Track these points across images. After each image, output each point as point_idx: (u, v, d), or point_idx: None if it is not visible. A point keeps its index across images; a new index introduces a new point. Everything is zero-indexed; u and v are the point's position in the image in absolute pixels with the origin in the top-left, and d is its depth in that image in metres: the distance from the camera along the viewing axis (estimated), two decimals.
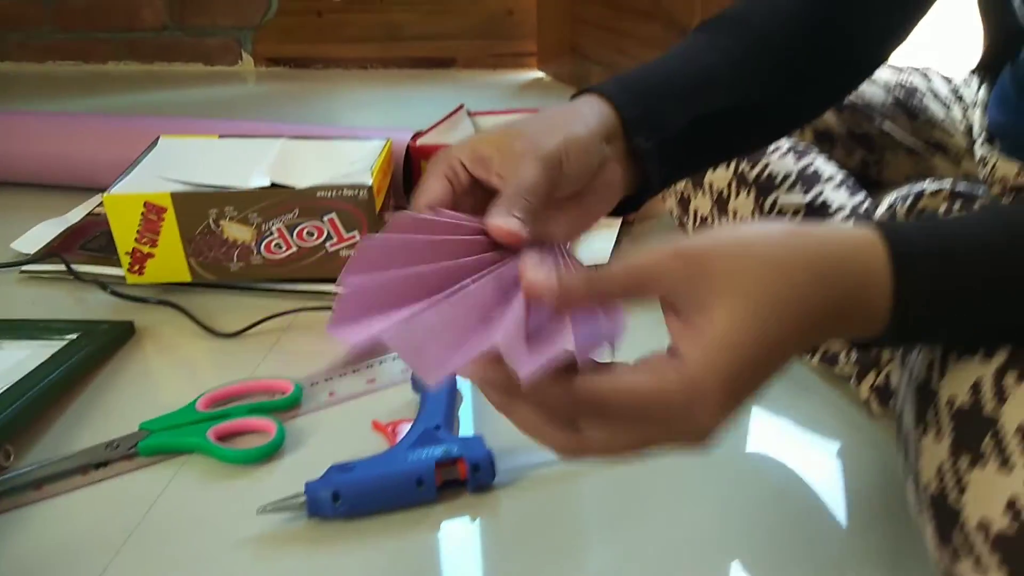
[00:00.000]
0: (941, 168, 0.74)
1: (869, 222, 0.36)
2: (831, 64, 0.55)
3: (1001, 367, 0.35)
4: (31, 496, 0.58)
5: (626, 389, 0.32)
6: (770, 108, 0.52)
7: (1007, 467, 0.33)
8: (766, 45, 0.51)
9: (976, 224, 0.35)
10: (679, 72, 0.49)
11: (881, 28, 0.56)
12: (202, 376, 0.71)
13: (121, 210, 0.77)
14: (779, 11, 0.53)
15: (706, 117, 0.48)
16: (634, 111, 0.45)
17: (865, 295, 0.34)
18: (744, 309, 0.32)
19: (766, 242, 0.33)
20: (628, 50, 1.37)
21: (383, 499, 0.54)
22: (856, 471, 0.59)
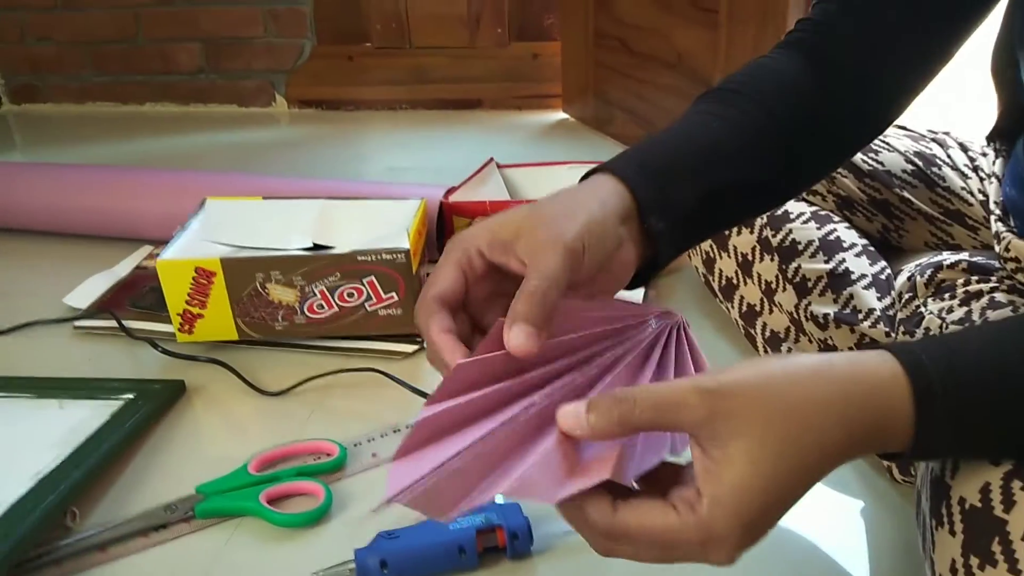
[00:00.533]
0: (959, 237, 0.76)
1: (894, 350, 0.37)
2: (833, 134, 0.57)
3: (1008, 473, 0.38)
4: (97, 558, 0.61)
5: (649, 526, 0.35)
6: (775, 180, 0.55)
7: (1015, 571, 0.36)
8: (771, 118, 0.53)
9: (995, 354, 0.38)
10: (688, 148, 0.50)
11: (880, 99, 0.58)
12: (250, 434, 0.75)
13: (173, 274, 0.81)
14: (782, 83, 0.55)
15: (714, 193, 0.49)
16: (648, 193, 0.46)
17: (886, 428, 0.36)
18: (762, 453, 0.34)
19: (788, 383, 0.36)
20: (649, 97, 1.40)
21: (427, 566, 0.58)
22: (876, 534, 0.62)
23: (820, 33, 0.58)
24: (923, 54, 0.58)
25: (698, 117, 0.53)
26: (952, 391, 0.36)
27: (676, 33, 1.30)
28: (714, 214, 0.51)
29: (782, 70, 0.56)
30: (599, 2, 1.46)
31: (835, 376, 0.36)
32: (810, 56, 0.56)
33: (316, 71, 1.80)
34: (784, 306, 0.75)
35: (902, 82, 0.58)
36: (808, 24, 0.59)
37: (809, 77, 0.55)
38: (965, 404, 0.37)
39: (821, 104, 0.55)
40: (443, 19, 1.70)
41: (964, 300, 0.63)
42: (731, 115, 0.52)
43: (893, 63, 0.57)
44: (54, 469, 0.66)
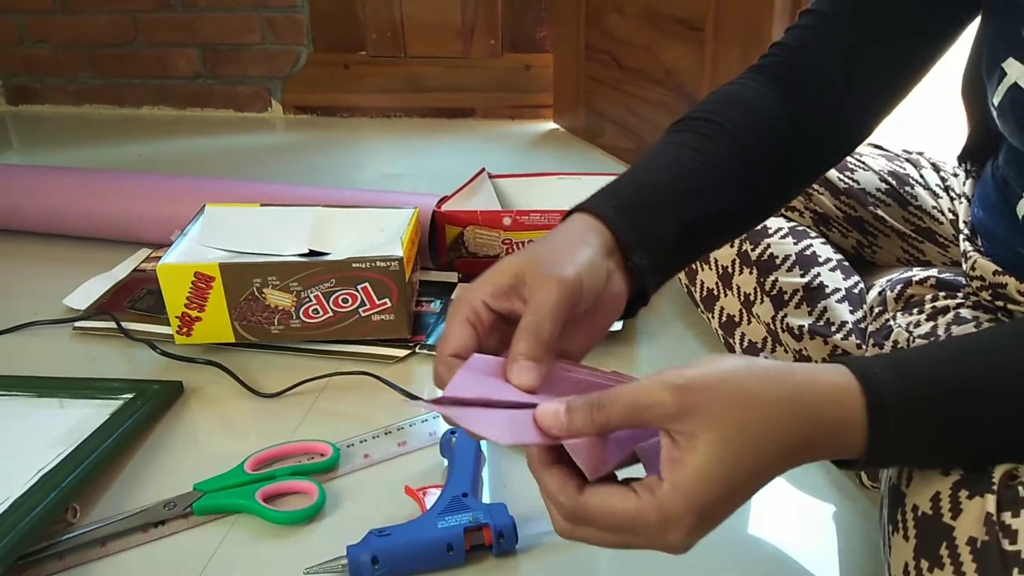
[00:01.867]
0: (930, 253, 0.80)
1: (850, 363, 0.41)
2: (804, 155, 0.60)
3: (956, 483, 0.41)
4: (97, 552, 0.64)
5: (611, 509, 0.39)
6: (750, 205, 0.58)
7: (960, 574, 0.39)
8: (742, 146, 0.55)
9: (945, 371, 0.41)
10: (663, 183, 0.53)
11: (850, 121, 0.61)
12: (247, 435, 0.78)
13: (173, 278, 0.84)
14: (752, 109, 0.57)
15: (692, 225, 0.52)
16: (628, 233, 0.49)
17: (840, 434, 0.39)
18: (723, 444, 0.37)
19: (750, 381, 0.39)
20: (637, 110, 1.44)
21: (417, 562, 0.60)
22: (845, 537, 0.65)
23: (791, 57, 0.60)
24: (891, 77, 0.60)
25: (671, 148, 0.55)
26: (903, 404, 0.39)
27: (664, 50, 1.33)
28: (694, 243, 0.54)
29: (751, 96, 0.58)
30: (590, 17, 1.50)
31: (793, 380, 0.39)
32: (781, 80, 0.59)
33: (312, 78, 1.83)
34: (762, 317, 0.79)
35: (871, 104, 0.61)
36: (780, 48, 0.61)
37: (779, 102, 0.58)
38: (915, 415, 0.40)
39: (791, 127, 0.57)
40: (438, 29, 1.73)
41: (931, 315, 0.66)
42: (703, 146, 0.54)
43: (862, 86, 0.59)
44: (55, 466, 0.68)
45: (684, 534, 0.38)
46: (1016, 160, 0.59)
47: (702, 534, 0.39)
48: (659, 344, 0.91)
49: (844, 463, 0.42)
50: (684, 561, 0.61)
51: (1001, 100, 0.53)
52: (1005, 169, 0.61)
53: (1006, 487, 0.40)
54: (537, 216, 1.01)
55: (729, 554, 0.63)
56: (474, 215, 1.03)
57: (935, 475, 0.43)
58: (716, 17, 1.20)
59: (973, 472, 0.41)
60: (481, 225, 1.02)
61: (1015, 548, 0.38)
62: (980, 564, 0.39)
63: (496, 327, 0.46)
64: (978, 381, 0.41)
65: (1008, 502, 0.40)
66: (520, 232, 1.02)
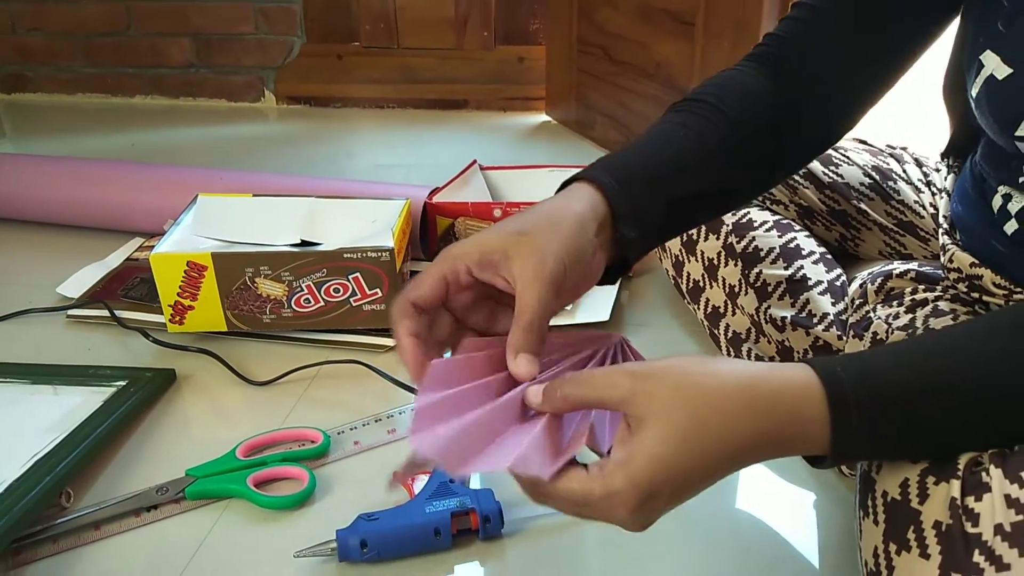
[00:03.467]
0: (911, 247, 0.81)
1: (812, 362, 0.43)
2: (792, 141, 0.62)
3: (924, 469, 0.43)
4: (90, 536, 0.65)
5: (566, 490, 0.41)
6: (736, 186, 0.60)
7: (925, 556, 0.41)
8: (733, 127, 0.58)
9: (907, 366, 0.43)
10: (657, 159, 0.55)
11: (837, 109, 0.63)
12: (238, 422, 0.79)
13: (166, 267, 0.85)
14: (745, 93, 0.60)
15: (680, 200, 0.55)
16: (622, 204, 0.51)
17: (801, 430, 0.41)
18: (671, 430, 0.39)
19: (704, 374, 0.41)
20: (628, 103, 1.45)
21: (405, 546, 0.62)
22: (825, 524, 0.66)
23: (783, 47, 0.63)
24: (877, 69, 0.62)
25: (667, 127, 0.58)
26: (864, 399, 0.41)
27: (655, 43, 1.34)
28: (679, 219, 0.58)
29: (746, 81, 0.61)
30: (583, 11, 1.50)
31: (749, 372, 0.41)
32: (773, 68, 0.62)
33: (305, 68, 1.83)
34: (746, 308, 0.80)
35: (857, 94, 0.63)
36: (773, 38, 0.64)
37: (771, 87, 0.61)
38: (877, 410, 0.41)
39: (781, 113, 0.60)
40: (431, 21, 1.73)
41: (910, 307, 0.68)
42: (697, 125, 0.57)
43: (848, 77, 0.62)
44: (50, 452, 0.70)
45: (628, 510, 0.40)
46: (992, 154, 0.60)
47: (650, 512, 0.41)
48: (645, 334, 0.92)
49: (815, 461, 0.43)
50: (664, 548, 0.63)
51: (978, 92, 0.55)
52: (982, 163, 0.62)
53: (970, 472, 0.42)
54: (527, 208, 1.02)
55: (708, 541, 0.64)
56: (465, 207, 1.04)
57: (904, 463, 0.44)
58: (706, 12, 1.21)
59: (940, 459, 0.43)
60: (472, 216, 1.03)
61: (976, 530, 0.40)
62: (944, 546, 0.40)
63: (471, 287, 0.48)
64: (940, 380, 0.42)
65: (972, 487, 0.41)
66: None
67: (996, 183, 0.59)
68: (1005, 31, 0.52)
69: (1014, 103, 0.52)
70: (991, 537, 0.39)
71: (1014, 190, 0.57)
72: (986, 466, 0.42)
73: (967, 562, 0.39)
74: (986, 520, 0.40)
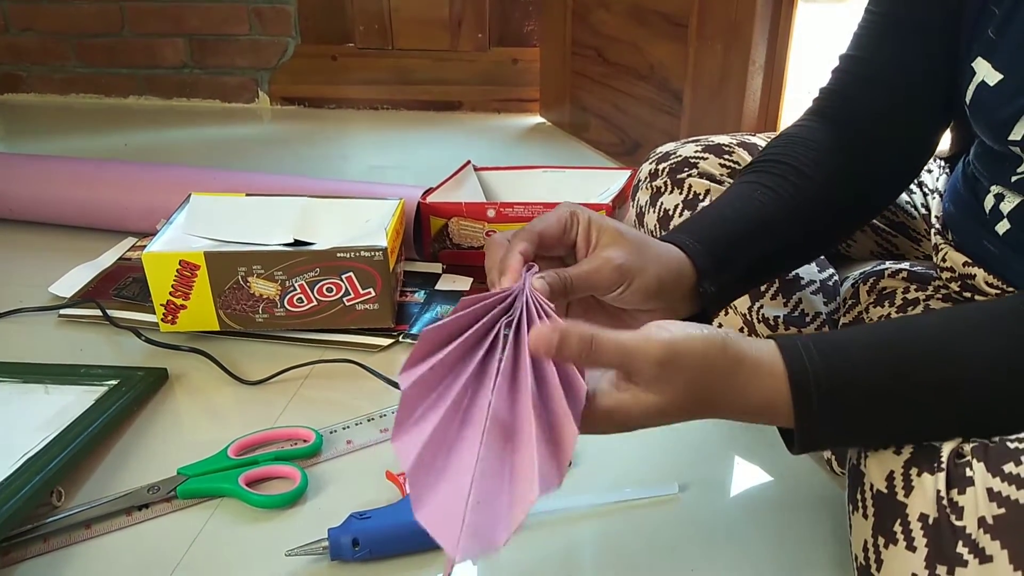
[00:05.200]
0: (903, 247, 0.81)
1: (778, 339, 0.45)
2: (861, 191, 0.64)
3: (907, 461, 0.43)
4: (81, 535, 0.64)
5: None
6: (813, 241, 0.63)
7: (912, 549, 0.41)
8: (809, 184, 0.61)
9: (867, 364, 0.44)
10: (739, 219, 0.58)
11: (898, 153, 0.65)
12: (230, 421, 0.79)
13: (158, 266, 0.84)
14: (814, 150, 0.63)
15: (761, 259, 0.58)
16: (705, 262, 0.54)
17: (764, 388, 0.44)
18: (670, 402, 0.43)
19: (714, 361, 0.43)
20: (622, 105, 1.45)
21: (397, 545, 0.62)
22: (817, 523, 0.66)
23: (836, 98, 0.66)
24: (932, 100, 0.63)
25: (744, 188, 0.61)
26: (825, 386, 0.43)
27: (649, 45, 1.34)
28: (757, 275, 0.61)
29: (813, 138, 0.64)
30: (577, 13, 1.51)
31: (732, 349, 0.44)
32: (833, 121, 0.64)
33: (299, 69, 1.83)
34: (738, 308, 0.80)
35: (920, 129, 0.65)
36: (826, 92, 0.67)
37: (835, 139, 0.63)
38: (839, 399, 0.43)
39: (851, 161, 0.63)
40: (425, 22, 1.74)
41: (902, 307, 0.68)
42: (773, 183, 0.60)
43: (906, 114, 0.63)
44: (40, 450, 0.69)
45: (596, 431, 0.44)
46: (985, 156, 0.60)
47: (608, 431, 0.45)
48: None
49: (789, 441, 0.44)
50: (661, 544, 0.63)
51: (971, 98, 0.56)
52: (975, 164, 0.63)
53: (954, 465, 0.42)
54: (521, 208, 1.02)
55: (705, 538, 0.64)
56: (459, 207, 1.04)
57: (888, 454, 0.45)
58: (700, 14, 1.21)
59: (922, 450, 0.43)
60: (465, 217, 1.04)
61: (961, 523, 0.40)
62: (930, 539, 0.41)
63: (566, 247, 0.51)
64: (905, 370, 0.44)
65: (956, 480, 0.42)
66: (504, 224, 1.03)
67: (989, 183, 0.60)
68: (996, 39, 0.53)
69: (1005, 108, 0.52)
70: (975, 530, 0.40)
71: (1007, 190, 0.58)
72: (969, 459, 0.42)
73: (952, 554, 0.40)
74: (970, 513, 0.40)
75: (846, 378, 0.43)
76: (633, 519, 0.66)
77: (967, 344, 0.44)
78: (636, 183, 0.94)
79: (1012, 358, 0.43)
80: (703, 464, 0.72)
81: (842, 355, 0.44)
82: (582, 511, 0.67)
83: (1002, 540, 0.39)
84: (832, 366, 0.44)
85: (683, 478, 0.70)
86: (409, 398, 0.43)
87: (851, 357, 0.44)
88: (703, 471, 0.71)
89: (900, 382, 0.44)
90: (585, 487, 0.69)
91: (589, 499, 0.67)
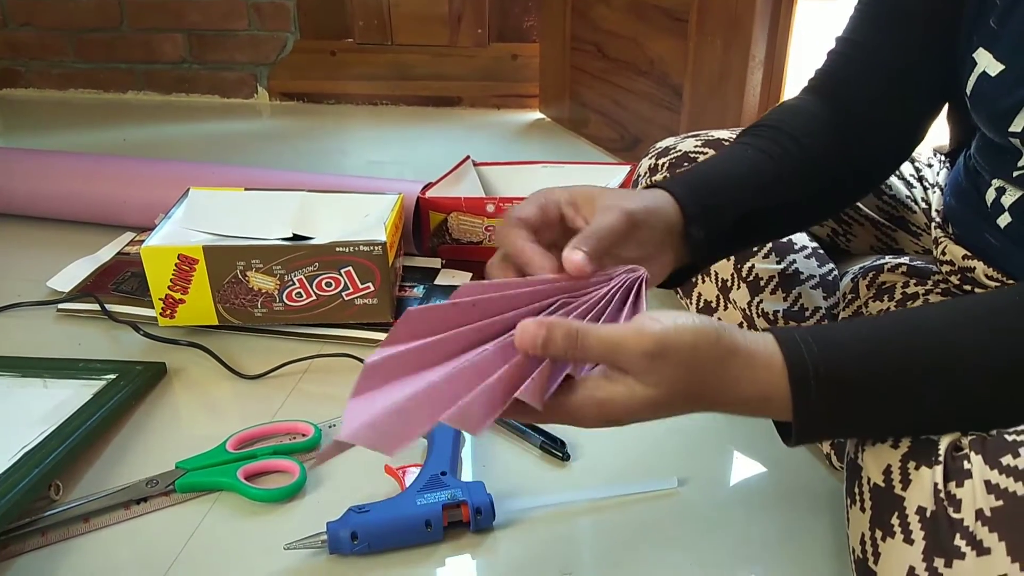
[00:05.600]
0: (903, 242, 0.81)
1: (775, 331, 0.45)
2: (853, 166, 0.65)
3: (905, 455, 0.43)
4: (80, 528, 0.64)
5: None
6: (801, 206, 0.63)
7: (909, 541, 0.41)
8: (801, 151, 0.61)
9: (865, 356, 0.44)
10: (729, 174, 0.59)
11: (891, 133, 0.66)
12: (228, 416, 0.78)
13: (157, 260, 0.84)
14: (809, 121, 0.63)
15: (749, 214, 0.58)
16: (693, 207, 0.54)
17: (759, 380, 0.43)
18: (658, 396, 0.43)
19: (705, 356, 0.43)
20: (622, 101, 1.45)
21: (396, 538, 0.61)
22: (815, 517, 0.66)
23: (831, 80, 0.66)
24: (924, 88, 0.64)
25: (739, 148, 0.62)
26: (823, 375, 0.43)
27: (649, 41, 1.34)
28: (746, 231, 0.60)
29: (810, 109, 0.64)
30: (577, 8, 1.51)
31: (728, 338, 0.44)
32: (829, 99, 0.65)
33: (298, 65, 1.82)
34: (738, 303, 0.80)
35: (912, 114, 0.65)
36: (821, 73, 0.67)
37: (831, 115, 0.64)
38: (837, 385, 0.43)
39: (844, 137, 0.63)
40: (425, 18, 1.73)
41: (901, 301, 0.68)
42: (766, 146, 0.61)
43: (898, 99, 0.64)
44: (39, 444, 0.69)
45: (589, 425, 0.44)
46: (986, 149, 0.60)
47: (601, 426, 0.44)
48: None
49: (785, 435, 0.44)
50: (659, 538, 0.63)
51: (972, 89, 0.55)
52: (976, 158, 0.63)
53: (951, 458, 0.42)
54: None
55: (703, 533, 0.64)
56: (458, 202, 1.03)
57: (886, 448, 0.45)
58: (700, 9, 1.21)
59: (919, 443, 0.43)
60: (465, 212, 1.03)
61: (959, 516, 0.40)
62: (928, 532, 0.41)
63: (554, 226, 0.51)
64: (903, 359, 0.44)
65: (954, 473, 0.42)
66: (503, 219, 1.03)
67: (990, 177, 0.60)
68: (997, 29, 0.53)
69: (1006, 99, 0.52)
70: (972, 522, 0.40)
71: (1008, 184, 0.57)
72: (967, 452, 0.42)
73: (949, 547, 0.40)
74: (968, 506, 0.40)
75: (844, 368, 0.43)
76: (632, 513, 0.66)
77: (966, 336, 0.44)
78: (636, 178, 0.94)
79: (1012, 350, 0.43)
80: (702, 458, 0.72)
81: (840, 347, 0.44)
82: (581, 505, 0.67)
83: (1000, 532, 0.39)
84: (830, 357, 0.43)
85: (682, 472, 0.70)
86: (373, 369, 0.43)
87: (849, 348, 0.44)
88: (702, 465, 0.71)
89: (899, 374, 0.43)
90: (584, 481, 0.69)
91: (588, 493, 0.67)
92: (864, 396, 0.43)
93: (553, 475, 0.70)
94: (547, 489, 0.68)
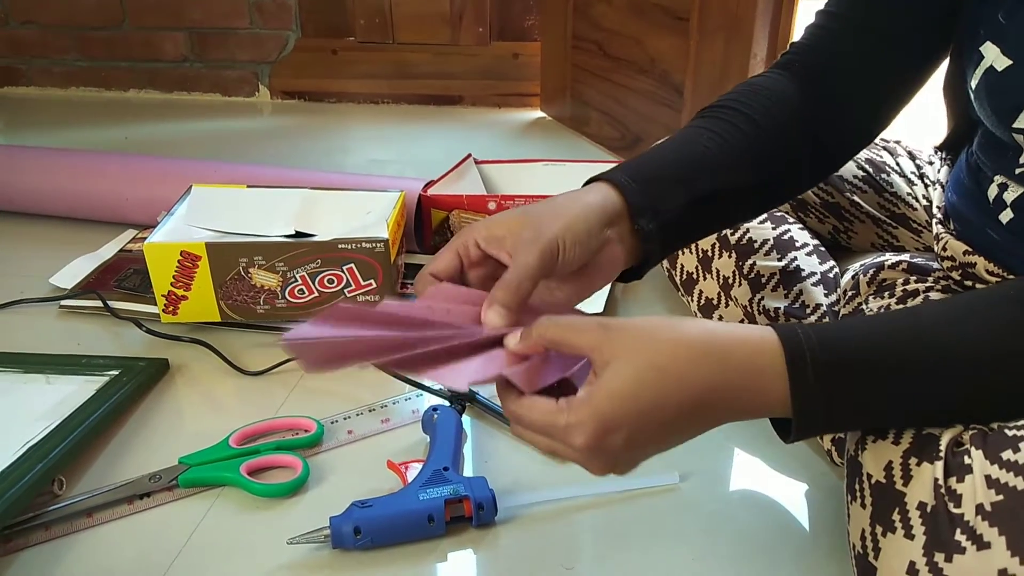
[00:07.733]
0: (903, 239, 0.82)
1: (775, 325, 0.45)
2: (819, 145, 0.63)
3: (906, 451, 0.43)
4: (83, 523, 0.65)
5: (537, 413, 0.44)
6: (758, 189, 0.61)
7: (909, 536, 0.41)
8: (758, 130, 0.59)
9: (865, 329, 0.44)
10: (677, 159, 0.57)
11: (863, 114, 0.65)
12: (231, 412, 0.79)
13: (159, 257, 0.84)
14: (772, 99, 0.62)
15: (700, 199, 0.56)
16: (638, 198, 0.53)
17: (757, 379, 0.43)
18: (630, 372, 0.42)
19: (669, 329, 0.43)
20: (623, 99, 1.45)
21: (398, 533, 0.62)
22: (816, 513, 0.66)
23: (807, 54, 0.65)
24: (903, 71, 0.63)
25: (690, 131, 0.60)
26: (820, 353, 0.43)
27: (650, 39, 1.34)
28: (701, 217, 0.59)
29: (773, 88, 0.63)
30: (578, 7, 1.51)
31: (709, 329, 0.44)
32: (800, 75, 0.63)
33: (300, 63, 1.83)
34: (739, 300, 0.80)
35: (885, 96, 0.64)
36: (798, 46, 0.66)
37: (797, 92, 0.62)
38: (834, 362, 0.43)
39: (809, 116, 0.62)
40: (426, 16, 1.73)
41: (902, 298, 0.68)
42: (721, 128, 0.59)
43: (874, 80, 0.63)
44: (42, 439, 0.69)
45: (586, 440, 0.42)
46: (990, 144, 0.60)
47: (609, 450, 0.43)
48: None
49: (783, 432, 0.44)
50: (659, 535, 0.63)
51: (977, 83, 0.55)
52: (979, 154, 0.63)
53: (952, 454, 0.42)
54: (521, 201, 1.02)
55: (703, 530, 0.64)
56: (460, 199, 1.04)
57: (887, 444, 0.45)
58: (701, 7, 1.21)
59: (921, 439, 0.43)
60: (466, 209, 1.04)
61: (959, 511, 0.40)
62: (928, 527, 0.41)
63: (483, 263, 0.52)
64: (900, 340, 0.44)
65: (954, 468, 0.42)
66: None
67: (992, 173, 0.60)
68: (1006, 23, 0.53)
69: (1012, 95, 0.52)
70: (973, 517, 0.40)
71: (1010, 180, 0.58)
72: (967, 447, 0.42)
73: (950, 542, 0.40)
74: (968, 501, 0.40)
75: (842, 353, 0.43)
76: (633, 509, 0.66)
77: (966, 327, 0.44)
78: None
79: (1011, 341, 0.43)
80: (703, 454, 0.72)
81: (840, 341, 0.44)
82: (583, 501, 0.67)
83: (1000, 527, 0.39)
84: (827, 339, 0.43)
85: (683, 468, 0.70)
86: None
87: (849, 341, 0.44)
88: (703, 461, 0.72)
89: (898, 365, 0.43)
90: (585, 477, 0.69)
91: (590, 489, 0.67)
92: (863, 385, 0.43)
93: (555, 471, 0.70)
94: (549, 484, 0.68)
